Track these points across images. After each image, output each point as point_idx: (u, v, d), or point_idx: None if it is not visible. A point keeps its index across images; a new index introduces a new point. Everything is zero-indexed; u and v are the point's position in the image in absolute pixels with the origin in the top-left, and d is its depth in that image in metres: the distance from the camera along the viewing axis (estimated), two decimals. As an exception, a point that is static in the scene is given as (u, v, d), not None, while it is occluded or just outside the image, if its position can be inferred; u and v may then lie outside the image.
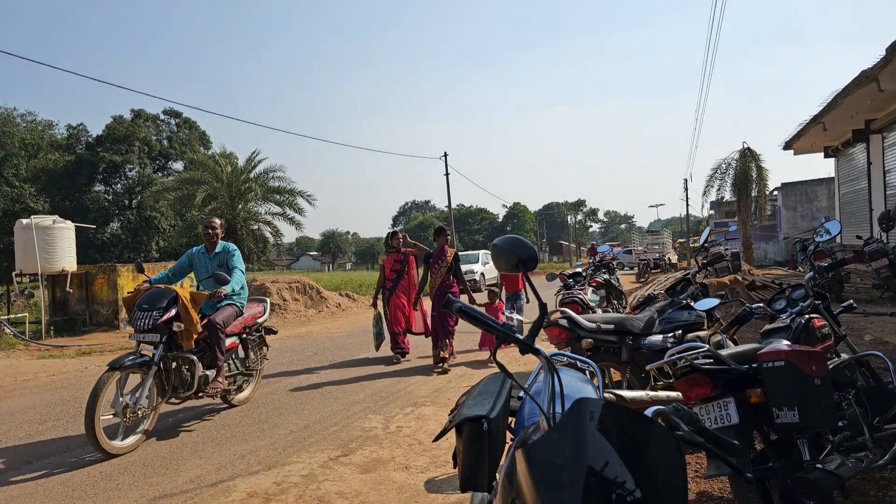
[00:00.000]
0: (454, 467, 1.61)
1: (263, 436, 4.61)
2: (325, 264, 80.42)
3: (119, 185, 41.69)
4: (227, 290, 4.91)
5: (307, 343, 9.82)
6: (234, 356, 5.36)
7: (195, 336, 4.72)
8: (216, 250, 5.38)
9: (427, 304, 7.82)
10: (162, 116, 43.60)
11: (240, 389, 5.55)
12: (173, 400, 4.75)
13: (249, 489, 3.54)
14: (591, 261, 12.82)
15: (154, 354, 4.46)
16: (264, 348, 5.85)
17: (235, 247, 5.49)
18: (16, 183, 35.43)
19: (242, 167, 22.10)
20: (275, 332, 5.93)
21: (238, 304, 5.25)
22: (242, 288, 5.29)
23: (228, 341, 5.11)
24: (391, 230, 8.14)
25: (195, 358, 4.68)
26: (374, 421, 4.92)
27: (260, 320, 5.70)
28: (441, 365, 7.04)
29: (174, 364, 4.63)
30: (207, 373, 4.84)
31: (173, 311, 4.59)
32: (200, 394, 4.81)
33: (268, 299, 5.98)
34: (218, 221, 5.50)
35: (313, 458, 4.06)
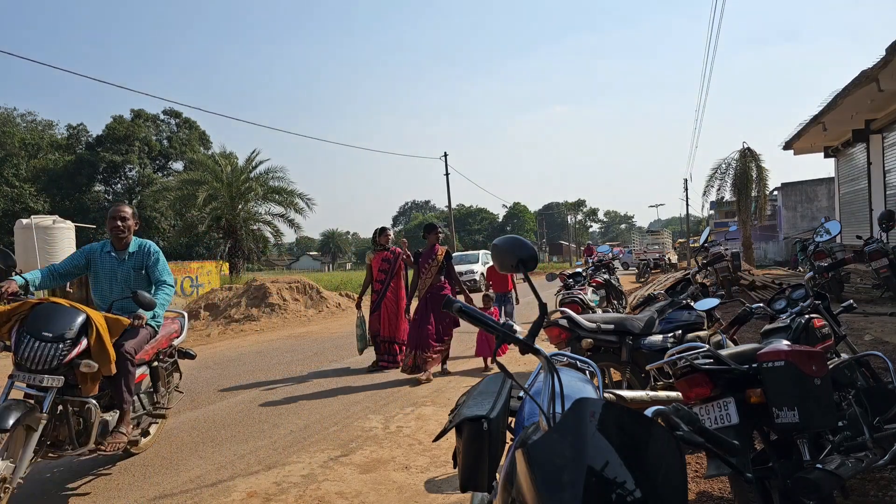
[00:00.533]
0: (454, 467, 1.62)
1: (263, 436, 4.61)
2: (325, 264, 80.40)
3: (119, 185, 41.71)
4: (148, 315, 3.67)
5: (307, 343, 9.82)
6: (140, 391, 3.96)
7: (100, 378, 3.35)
8: (130, 250, 4.00)
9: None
10: (162, 116, 43.66)
11: (144, 433, 4.10)
12: (50, 454, 3.31)
13: (249, 489, 3.54)
14: (588, 261, 12.78)
15: (42, 400, 3.09)
16: (176, 376, 4.45)
17: (157, 247, 4.12)
18: (16, 183, 35.45)
19: (242, 167, 22.10)
20: (192, 357, 4.54)
21: (154, 324, 3.88)
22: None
23: (138, 372, 3.74)
24: (380, 227, 7.52)
25: (94, 403, 3.30)
26: (374, 421, 4.92)
27: (175, 342, 4.33)
28: (418, 374, 6.39)
29: (61, 409, 3.22)
30: (107, 417, 3.47)
31: (83, 345, 3.24)
32: (94, 451, 3.41)
33: (185, 313, 4.62)
34: (129, 210, 4.06)
35: (313, 458, 4.06)
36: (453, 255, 8.28)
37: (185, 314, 4.62)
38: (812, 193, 28.23)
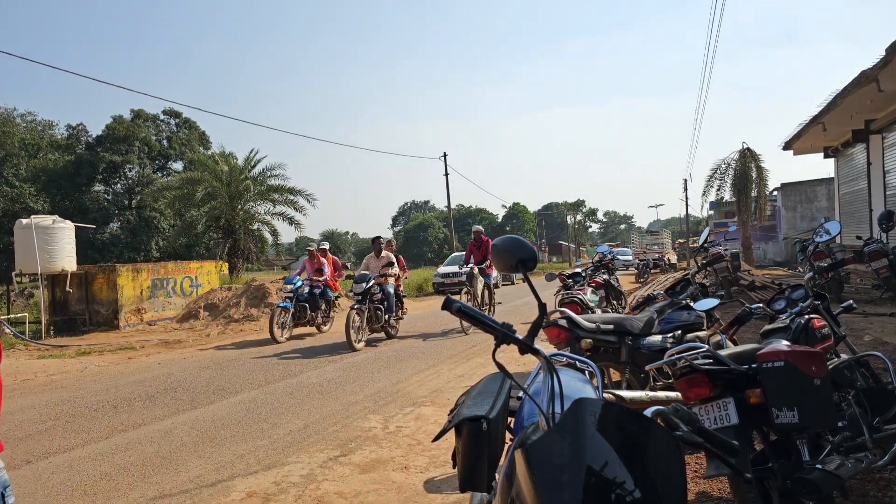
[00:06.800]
0: (453, 467, 1.61)
1: (263, 436, 4.61)
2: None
3: (119, 185, 41.66)
4: None
5: (307, 343, 9.82)
6: None
7: None
8: None
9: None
10: (162, 116, 43.59)
11: None
12: None
13: (249, 489, 3.54)
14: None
15: None
16: None
17: None
18: (16, 183, 35.40)
19: (241, 167, 22.09)
20: None
21: None
22: None
23: None
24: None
25: None
26: (373, 421, 4.92)
27: None
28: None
29: None
30: None
31: None
32: None
33: None
34: None
35: (313, 457, 4.05)
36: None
37: None
38: (812, 194, 28.23)
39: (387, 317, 9.47)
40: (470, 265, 11.14)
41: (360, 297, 8.98)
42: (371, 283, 9.14)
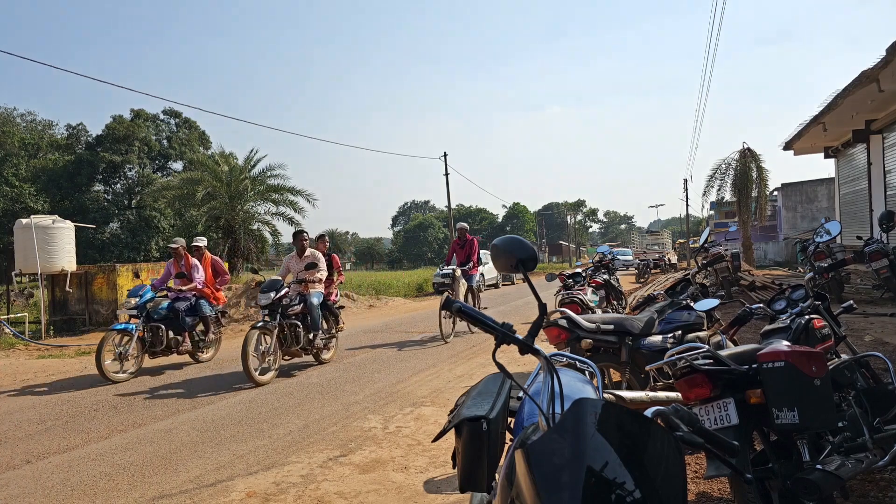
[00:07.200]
0: (453, 467, 1.61)
1: (263, 436, 4.61)
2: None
3: (119, 185, 41.66)
4: None
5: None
6: None
7: None
8: None
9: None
10: (162, 116, 43.59)
11: None
12: None
13: (248, 489, 3.54)
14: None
15: None
16: None
17: None
18: (16, 183, 35.40)
19: (241, 167, 22.09)
20: None
21: None
22: None
23: None
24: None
25: None
26: (373, 421, 4.91)
27: None
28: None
29: None
30: None
31: None
32: None
33: None
34: None
35: (312, 458, 4.05)
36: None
37: None
38: (812, 194, 28.22)
39: (310, 336, 7.23)
40: (452, 266, 10.21)
41: (269, 311, 6.81)
42: (283, 292, 7.00)
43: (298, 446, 4.31)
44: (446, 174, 31.42)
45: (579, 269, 9.20)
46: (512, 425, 1.82)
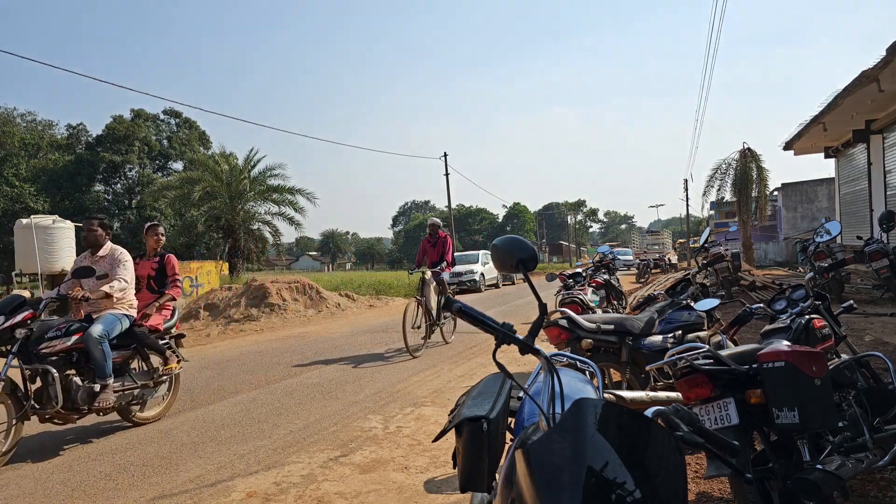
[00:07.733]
0: (454, 468, 1.61)
1: (263, 436, 4.61)
2: (324, 264, 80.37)
3: (119, 185, 41.67)
4: None
5: (307, 343, 9.82)
6: None
7: None
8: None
9: None
10: (162, 116, 43.61)
11: None
12: None
13: (249, 489, 3.54)
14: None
15: None
16: None
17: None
18: (16, 183, 35.42)
19: (241, 166, 22.11)
20: None
21: None
22: None
23: None
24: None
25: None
26: (373, 421, 4.91)
27: None
28: None
29: None
30: None
31: None
32: None
33: None
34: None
35: (313, 458, 4.05)
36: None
37: None
38: (812, 194, 28.21)
39: (96, 388, 4.40)
40: (421, 268, 8.70)
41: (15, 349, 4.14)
42: (22, 316, 4.17)
43: (299, 446, 4.31)
44: (446, 174, 31.45)
45: (579, 269, 9.20)
46: (512, 425, 1.82)
